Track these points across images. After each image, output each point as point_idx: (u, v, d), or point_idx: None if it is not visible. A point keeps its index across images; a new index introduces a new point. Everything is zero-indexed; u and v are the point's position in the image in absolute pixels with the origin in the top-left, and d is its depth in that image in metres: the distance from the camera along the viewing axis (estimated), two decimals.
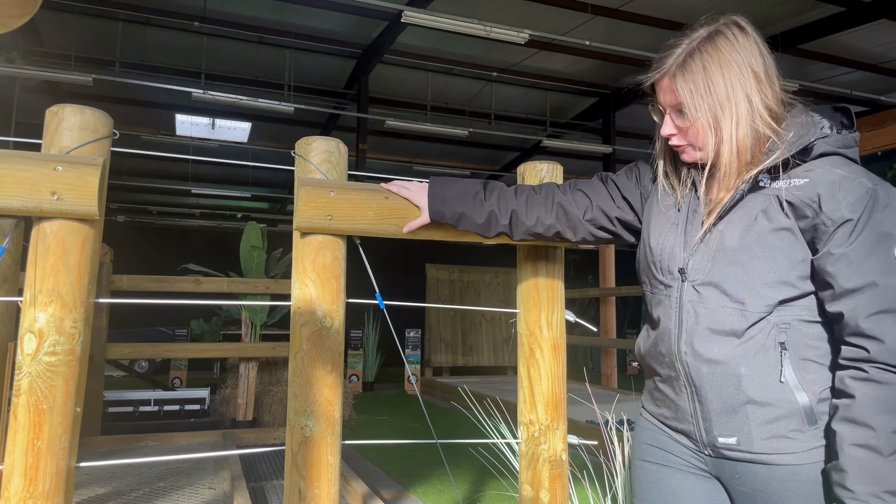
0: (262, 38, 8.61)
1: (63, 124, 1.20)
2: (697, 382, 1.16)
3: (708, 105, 1.12)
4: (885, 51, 8.83)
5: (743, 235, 1.12)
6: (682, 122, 1.17)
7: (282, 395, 5.96)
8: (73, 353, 1.16)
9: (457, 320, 11.06)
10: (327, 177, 1.37)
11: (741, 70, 1.11)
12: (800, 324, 1.11)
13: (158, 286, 5.36)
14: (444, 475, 4.19)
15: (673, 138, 1.20)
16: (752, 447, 1.12)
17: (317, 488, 1.27)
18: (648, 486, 1.29)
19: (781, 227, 1.10)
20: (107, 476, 3.49)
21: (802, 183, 1.10)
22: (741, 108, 1.11)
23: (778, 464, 1.10)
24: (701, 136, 1.15)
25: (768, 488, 1.11)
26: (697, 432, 1.19)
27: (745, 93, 1.11)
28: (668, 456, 1.26)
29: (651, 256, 1.24)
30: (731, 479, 1.17)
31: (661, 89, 1.19)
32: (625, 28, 8.20)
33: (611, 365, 8.29)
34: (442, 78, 10.01)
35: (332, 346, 1.32)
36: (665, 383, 1.24)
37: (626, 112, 11.06)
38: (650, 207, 1.30)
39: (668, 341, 1.19)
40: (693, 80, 1.13)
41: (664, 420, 1.27)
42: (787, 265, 1.10)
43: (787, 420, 1.10)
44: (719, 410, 1.14)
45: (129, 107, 9.93)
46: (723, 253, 1.13)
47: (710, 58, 1.12)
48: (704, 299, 1.14)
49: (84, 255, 1.18)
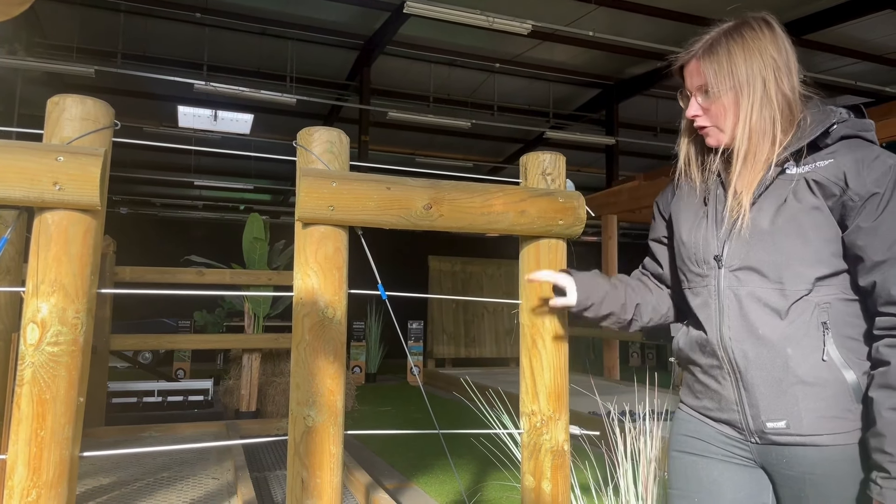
0: (264, 30, 8.58)
1: (64, 114, 1.20)
2: (742, 368, 1.17)
3: (729, 85, 1.19)
4: (890, 42, 8.77)
5: (775, 218, 1.16)
6: (707, 102, 1.23)
7: (285, 386, 5.99)
8: (76, 344, 1.16)
9: (459, 312, 11.07)
10: (329, 167, 1.36)
11: (762, 58, 1.18)
12: (839, 303, 1.13)
13: (161, 277, 5.37)
14: (447, 465, 4.20)
15: (698, 119, 1.25)
16: (802, 429, 1.12)
17: (319, 478, 1.28)
18: (688, 476, 1.29)
19: (812, 207, 1.13)
20: (111, 466, 3.51)
21: (827, 164, 1.14)
22: (758, 93, 1.18)
23: (829, 444, 1.11)
24: (722, 116, 1.21)
25: (818, 469, 1.12)
26: (743, 420, 1.19)
27: (764, 79, 1.18)
28: (710, 447, 1.26)
29: (685, 251, 1.28)
30: (777, 465, 1.17)
31: (689, 72, 1.26)
32: (628, 19, 8.15)
33: (613, 357, 8.30)
34: (444, 69, 9.97)
35: (335, 337, 1.32)
36: (707, 374, 1.24)
37: (630, 104, 11.01)
38: (677, 208, 1.35)
39: (710, 329, 1.21)
40: (717, 61, 1.20)
41: (706, 412, 1.27)
42: (820, 243, 1.13)
43: (837, 399, 1.11)
44: (766, 394, 1.15)
45: (132, 98, 9.92)
46: (757, 236, 1.17)
47: (735, 44, 1.19)
48: (743, 283, 1.17)
49: (86, 245, 1.18)
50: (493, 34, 8.28)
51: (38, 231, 1.16)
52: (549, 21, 7.97)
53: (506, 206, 1.48)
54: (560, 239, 1.58)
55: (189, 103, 10.00)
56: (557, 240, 1.58)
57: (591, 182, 13.23)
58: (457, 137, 12.09)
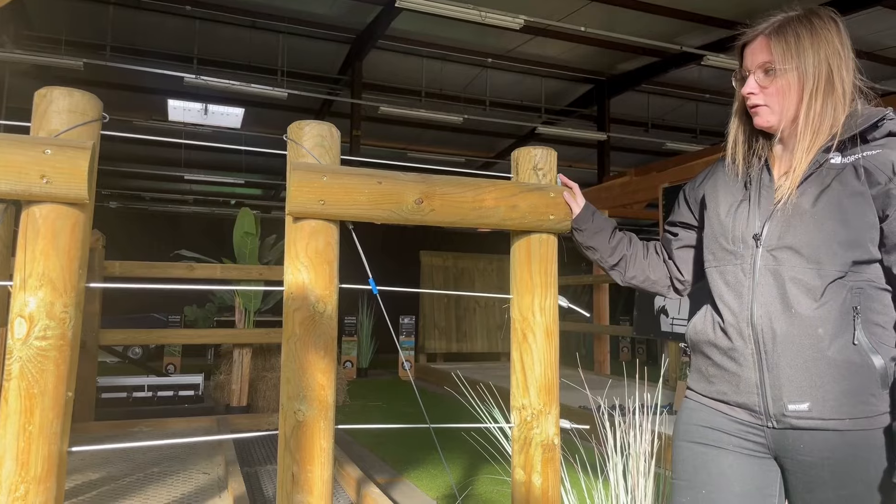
0: (255, 23, 8.53)
1: (52, 107, 1.19)
2: (769, 347, 1.18)
3: (796, 65, 1.21)
4: (881, 38, 8.82)
5: (817, 200, 1.18)
6: (766, 81, 1.24)
7: (276, 381, 5.98)
8: (64, 338, 1.16)
9: (451, 307, 11.08)
10: (320, 161, 1.36)
11: (829, 47, 1.22)
12: (871, 289, 1.15)
13: (151, 272, 5.34)
14: (438, 460, 4.21)
15: (752, 97, 1.26)
16: (825, 413, 1.13)
17: (310, 472, 1.28)
18: (696, 467, 1.28)
19: (855, 192, 1.15)
20: (100, 461, 3.50)
21: (876, 153, 1.16)
22: (822, 79, 1.21)
23: (851, 429, 1.12)
24: (781, 95, 1.23)
25: (837, 454, 1.12)
26: (762, 403, 1.19)
27: (829, 67, 1.21)
28: (722, 437, 1.25)
29: (721, 229, 1.30)
30: (793, 451, 1.17)
31: (752, 50, 1.26)
32: (620, 14, 8.16)
33: (603, 351, 8.34)
34: (437, 64, 9.95)
35: (325, 332, 1.31)
36: (725, 356, 1.24)
37: (621, 99, 11.03)
38: (713, 191, 1.36)
39: (740, 307, 1.22)
40: (786, 40, 1.22)
41: (721, 397, 1.26)
42: (859, 227, 1.15)
43: (863, 383, 1.12)
44: (791, 375, 1.16)
45: (121, 92, 9.84)
46: (798, 217, 1.19)
47: (804, 29, 1.22)
48: (780, 262, 1.19)
49: (74, 238, 1.17)
50: (486, 29, 8.27)
51: (25, 224, 1.14)
52: (541, 16, 7.97)
53: (497, 201, 1.49)
54: (551, 234, 1.58)
55: (179, 97, 9.93)
56: (548, 234, 1.58)
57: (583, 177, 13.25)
58: (449, 132, 12.08)
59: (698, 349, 1.32)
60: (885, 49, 9.15)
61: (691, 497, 1.27)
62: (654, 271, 1.48)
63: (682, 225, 1.46)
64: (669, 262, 1.49)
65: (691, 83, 10.41)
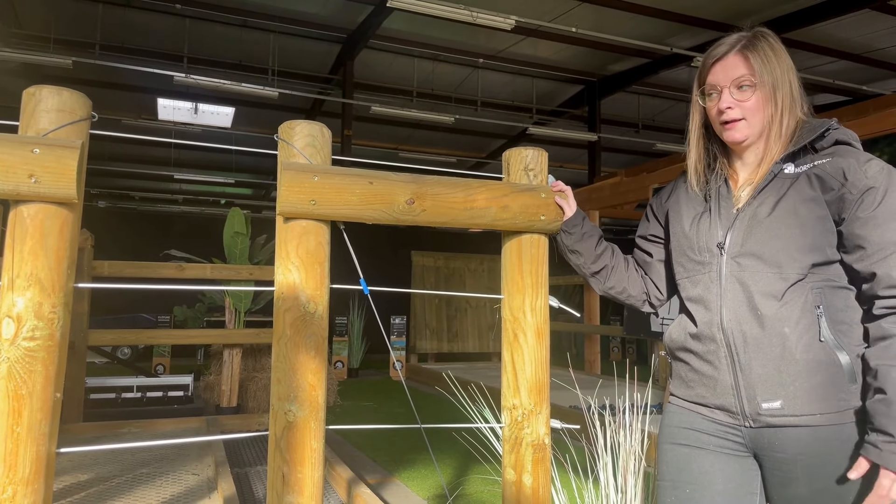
0: (245, 22, 8.49)
1: (40, 106, 1.18)
2: (740, 349, 1.22)
3: (771, 80, 1.26)
4: (868, 41, 8.90)
5: (774, 208, 1.23)
6: (743, 95, 1.28)
7: (266, 382, 5.95)
8: (53, 339, 1.15)
9: (442, 307, 11.08)
10: (311, 161, 1.35)
11: (787, 64, 1.29)
12: (833, 289, 1.20)
13: (141, 272, 5.31)
14: (429, 460, 4.21)
15: (730, 112, 1.29)
16: (797, 409, 1.17)
17: (300, 473, 1.27)
18: (679, 467, 1.32)
19: (810, 199, 1.21)
20: (89, 462, 3.47)
21: (826, 161, 1.23)
22: (787, 94, 1.27)
23: (822, 424, 1.16)
24: (758, 109, 1.27)
25: (810, 450, 1.16)
26: (738, 404, 1.23)
27: (790, 81, 1.28)
28: (702, 437, 1.29)
29: (686, 242, 1.35)
30: (769, 449, 1.21)
31: (725, 66, 1.29)
32: (611, 16, 8.18)
33: (594, 351, 8.36)
34: (428, 64, 9.95)
35: (316, 332, 1.31)
36: (702, 360, 1.29)
37: (612, 100, 11.07)
38: (676, 207, 1.42)
39: (711, 314, 1.27)
40: (760, 56, 1.27)
41: (700, 400, 1.30)
42: (816, 232, 1.20)
43: (831, 379, 1.16)
44: (762, 375, 1.20)
45: (110, 90, 9.77)
46: (758, 225, 1.24)
47: (769, 47, 1.28)
48: (744, 268, 1.24)
49: (63, 239, 1.16)
50: (477, 29, 8.28)
51: (13, 224, 1.14)
52: (532, 17, 7.98)
53: (488, 202, 1.49)
54: (542, 234, 1.58)
55: (169, 96, 9.86)
56: (539, 235, 1.58)
57: (574, 178, 13.29)
58: (440, 132, 12.08)
59: (676, 356, 1.37)
60: (874, 51, 9.23)
61: (675, 496, 1.31)
62: (633, 286, 1.52)
63: (654, 238, 1.51)
64: (647, 279, 1.52)
65: (681, 84, 10.46)
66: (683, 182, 1.44)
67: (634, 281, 1.52)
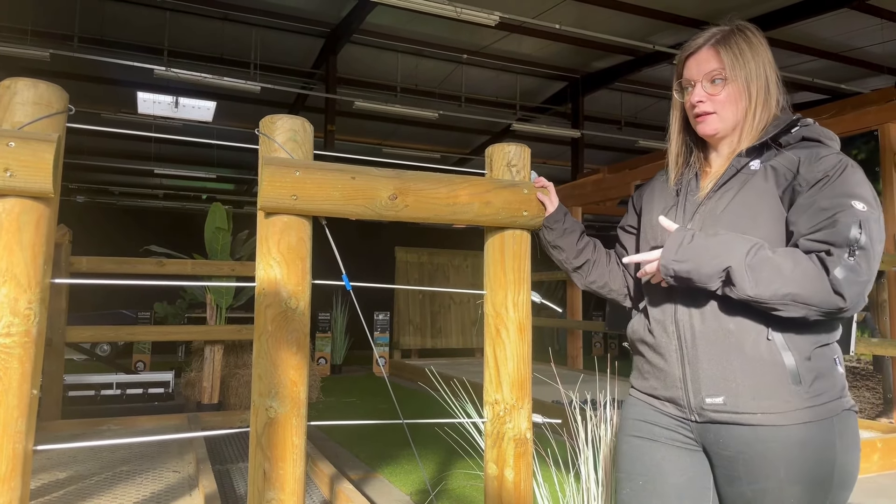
0: (227, 15, 8.41)
1: (16, 98, 1.16)
2: (689, 343, 1.23)
3: (744, 74, 1.26)
4: (847, 40, 9.02)
5: (731, 202, 1.24)
6: (715, 89, 1.28)
7: (248, 378, 5.92)
8: (29, 335, 1.13)
9: (425, 303, 11.08)
10: (292, 156, 1.35)
11: (764, 59, 1.28)
12: None
13: (120, 268, 5.24)
14: (412, 455, 4.22)
15: (701, 105, 1.30)
16: (738, 406, 1.16)
17: (282, 469, 1.27)
18: (633, 459, 1.33)
19: (763, 191, 1.21)
20: (68, 460, 3.43)
21: (784, 154, 1.23)
22: (761, 88, 1.27)
23: (762, 424, 1.14)
24: (731, 103, 1.28)
25: (750, 450, 1.15)
26: (685, 397, 1.24)
27: (766, 76, 1.28)
28: (655, 429, 1.30)
29: (651, 233, 1.37)
30: (714, 444, 1.21)
31: (698, 60, 1.30)
32: (594, 13, 8.22)
33: (576, 346, 8.41)
34: (412, 59, 9.92)
35: (298, 328, 1.31)
36: (655, 353, 1.30)
37: (595, 97, 11.12)
38: (650, 199, 1.44)
39: (665, 307, 1.28)
40: (733, 51, 1.27)
41: (653, 392, 1.32)
42: (769, 225, 1.19)
43: (773, 378, 1.15)
44: (708, 370, 1.20)
45: (89, 83, 9.63)
46: (712, 218, 1.25)
47: (744, 42, 1.28)
48: None
49: (39, 233, 1.15)
50: (461, 25, 8.27)
51: None
52: (516, 13, 7.99)
53: (471, 197, 1.49)
54: (525, 230, 1.59)
55: (149, 89, 9.74)
56: (522, 231, 1.59)
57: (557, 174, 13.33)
58: (424, 128, 12.06)
59: (635, 348, 1.39)
60: (852, 50, 9.36)
61: (630, 488, 1.32)
62: (614, 280, 1.53)
63: (630, 229, 1.52)
64: (626, 273, 1.53)
65: (663, 82, 10.54)
66: (662, 175, 1.45)
67: (616, 275, 1.53)
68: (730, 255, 1.13)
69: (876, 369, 6.06)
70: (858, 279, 1.08)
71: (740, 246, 1.13)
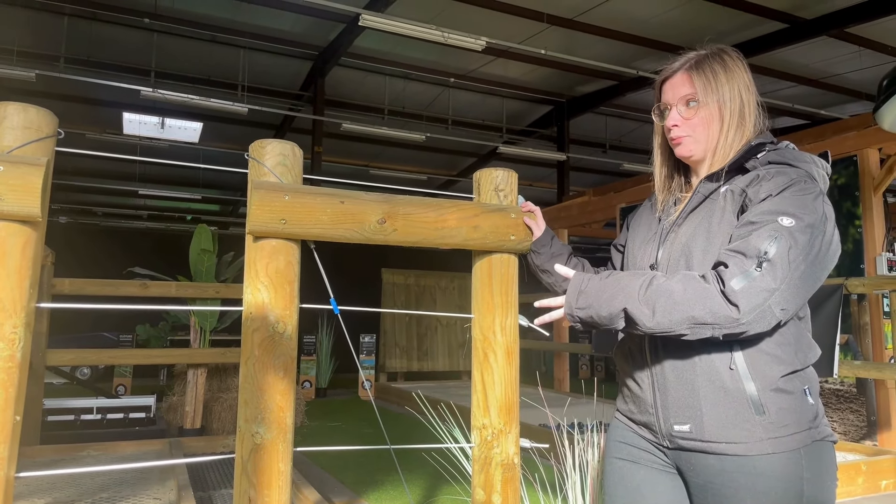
0: (214, 37, 8.45)
1: (5, 123, 1.16)
2: (659, 369, 1.24)
3: (716, 98, 1.27)
4: (826, 66, 9.24)
5: (693, 226, 1.26)
6: (689, 113, 1.30)
7: (231, 402, 5.84)
8: (13, 360, 1.12)
9: (412, 325, 11.04)
10: (281, 180, 1.35)
11: (740, 82, 1.29)
12: None
13: (103, 290, 5.18)
14: (398, 481, 4.17)
15: (675, 129, 1.32)
16: (703, 435, 1.16)
17: (267, 496, 1.25)
18: (615, 481, 1.35)
19: (723, 216, 1.22)
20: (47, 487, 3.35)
21: (744, 177, 1.24)
22: (736, 111, 1.28)
23: (726, 454, 1.14)
24: (705, 126, 1.29)
25: (717, 480, 1.15)
26: (657, 423, 1.25)
27: (741, 99, 1.28)
28: (635, 452, 1.31)
29: (632, 259, 1.39)
30: (687, 471, 1.22)
31: (673, 84, 1.32)
32: (579, 38, 8.36)
33: (563, 369, 8.40)
34: (399, 82, 10.01)
35: (285, 353, 1.30)
36: (631, 378, 1.32)
37: (580, 121, 11.27)
38: (636, 223, 1.46)
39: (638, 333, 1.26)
40: (706, 74, 1.28)
41: (631, 415, 1.33)
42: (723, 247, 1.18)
43: (736, 408, 1.14)
44: (676, 397, 1.21)
45: (74, 104, 9.61)
46: (678, 245, 1.26)
47: (718, 66, 1.29)
48: None
49: (25, 258, 1.14)
50: (448, 49, 8.37)
51: None
52: (502, 38, 8.11)
53: (459, 222, 1.50)
54: (512, 254, 1.60)
55: (135, 110, 9.74)
56: (509, 255, 1.60)
57: (543, 196, 13.44)
58: (411, 150, 12.13)
59: (620, 371, 1.40)
60: (832, 77, 9.58)
61: None
62: None
63: (622, 249, 1.53)
64: None
65: (647, 106, 10.65)
66: (650, 200, 1.46)
67: None
68: (625, 295, 1.14)
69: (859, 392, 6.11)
70: (758, 291, 1.06)
71: (634, 282, 1.15)
